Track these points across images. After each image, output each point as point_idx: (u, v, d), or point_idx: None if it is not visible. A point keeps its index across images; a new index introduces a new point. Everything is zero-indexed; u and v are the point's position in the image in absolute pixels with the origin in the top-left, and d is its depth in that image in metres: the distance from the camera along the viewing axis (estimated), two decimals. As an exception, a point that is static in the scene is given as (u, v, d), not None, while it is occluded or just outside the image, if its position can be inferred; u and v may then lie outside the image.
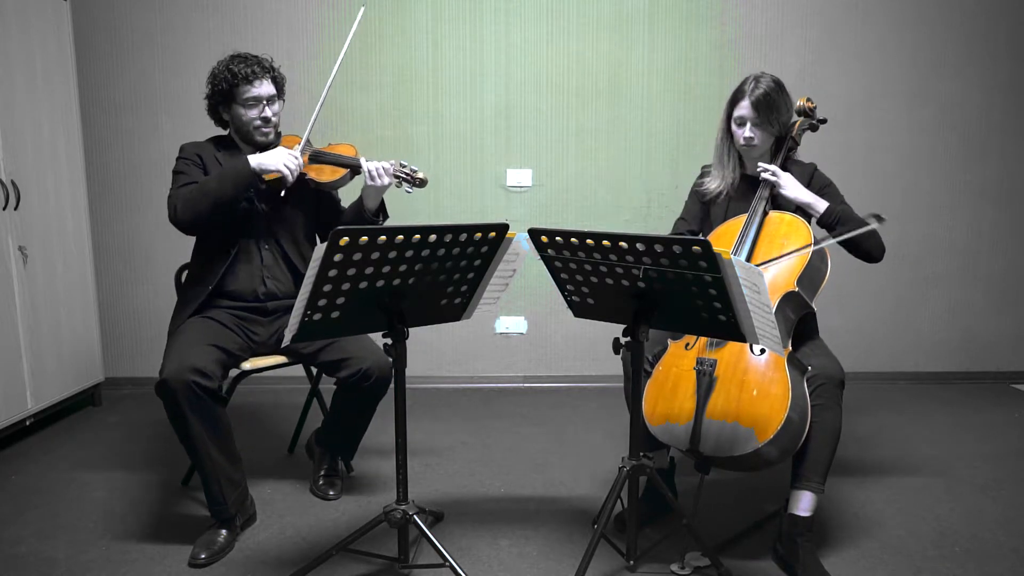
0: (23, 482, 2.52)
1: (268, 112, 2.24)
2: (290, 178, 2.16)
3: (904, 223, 3.67)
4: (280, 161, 2.15)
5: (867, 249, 2.08)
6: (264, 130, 2.26)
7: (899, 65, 3.57)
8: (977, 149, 3.64)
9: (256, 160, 2.13)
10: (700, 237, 1.72)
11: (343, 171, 2.28)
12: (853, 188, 2.53)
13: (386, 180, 2.23)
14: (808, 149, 2.34)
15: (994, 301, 3.74)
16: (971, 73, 3.58)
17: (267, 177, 2.20)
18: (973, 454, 2.75)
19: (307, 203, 2.36)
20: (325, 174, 2.29)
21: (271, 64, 2.27)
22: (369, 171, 2.23)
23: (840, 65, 3.56)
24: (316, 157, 2.30)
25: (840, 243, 2.04)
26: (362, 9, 2.41)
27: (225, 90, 2.21)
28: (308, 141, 2.31)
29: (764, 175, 2.10)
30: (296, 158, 2.17)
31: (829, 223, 2.07)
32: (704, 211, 2.30)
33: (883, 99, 3.59)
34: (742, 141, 2.14)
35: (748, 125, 2.11)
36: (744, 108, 2.11)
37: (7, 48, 2.76)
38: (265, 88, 2.22)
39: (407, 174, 2.26)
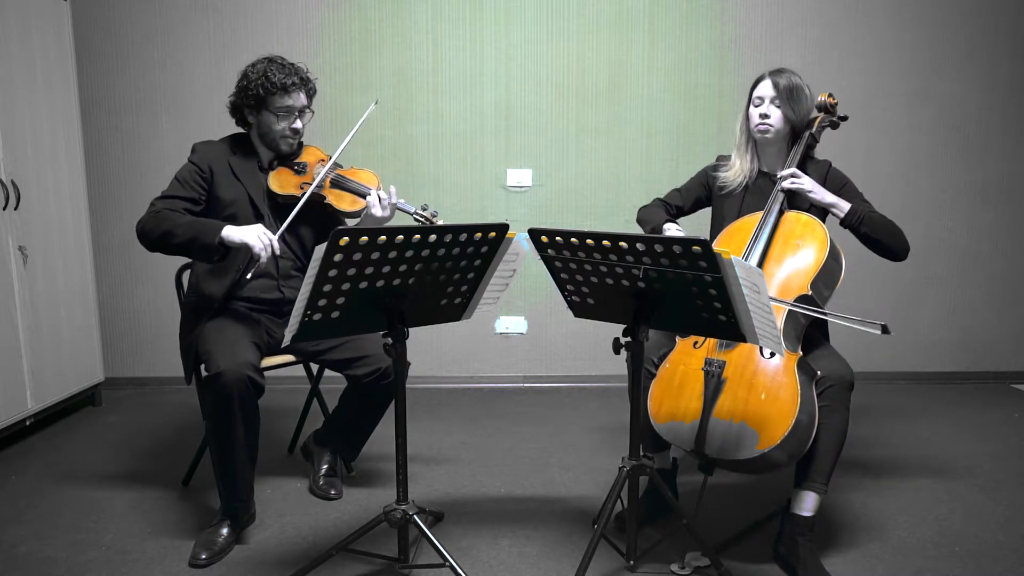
0: (23, 482, 2.52)
1: (299, 124, 2.21)
2: (262, 255, 1.99)
3: (904, 223, 3.55)
4: (251, 236, 2.00)
5: (892, 248, 2.09)
6: (291, 140, 2.23)
7: (899, 65, 3.57)
8: (977, 149, 3.64)
9: (226, 232, 2.01)
10: (698, 237, 1.71)
11: (363, 203, 2.21)
12: (853, 188, 2.53)
13: (387, 212, 2.18)
14: (807, 148, 2.33)
15: (994, 301, 3.74)
16: (971, 73, 3.58)
17: (279, 191, 2.19)
18: (973, 454, 2.76)
19: (318, 223, 2.31)
20: (345, 202, 2.23)
21: (307, 75, 2.22)
22: (370, 200, 2.18)
23: (840, 65, 3.56)
24: (339, 183, 2.24)
25: (865, 242, 2.08)
26: (373, 104, 2.39)
27: (259, 96, 2.16)
28: (335, 163, 2.26)
29: (785, 184, 2.06)
30: (270, 237, 2.02)
31: (852, 224, 2.07)
32: (703, 199, 2.31)
33: (883, 99, 3.59)
34: (757, 119, 2.12)
35: (766, 102, 2.11)
36: (765, 88, 2.11)
37: (7, 48, 2.76)
38: (299, 99, 2.19)
39: (425, 218, 2.20)
